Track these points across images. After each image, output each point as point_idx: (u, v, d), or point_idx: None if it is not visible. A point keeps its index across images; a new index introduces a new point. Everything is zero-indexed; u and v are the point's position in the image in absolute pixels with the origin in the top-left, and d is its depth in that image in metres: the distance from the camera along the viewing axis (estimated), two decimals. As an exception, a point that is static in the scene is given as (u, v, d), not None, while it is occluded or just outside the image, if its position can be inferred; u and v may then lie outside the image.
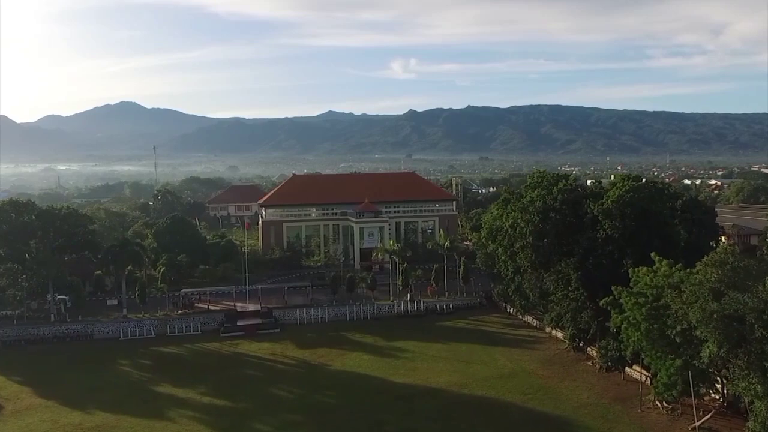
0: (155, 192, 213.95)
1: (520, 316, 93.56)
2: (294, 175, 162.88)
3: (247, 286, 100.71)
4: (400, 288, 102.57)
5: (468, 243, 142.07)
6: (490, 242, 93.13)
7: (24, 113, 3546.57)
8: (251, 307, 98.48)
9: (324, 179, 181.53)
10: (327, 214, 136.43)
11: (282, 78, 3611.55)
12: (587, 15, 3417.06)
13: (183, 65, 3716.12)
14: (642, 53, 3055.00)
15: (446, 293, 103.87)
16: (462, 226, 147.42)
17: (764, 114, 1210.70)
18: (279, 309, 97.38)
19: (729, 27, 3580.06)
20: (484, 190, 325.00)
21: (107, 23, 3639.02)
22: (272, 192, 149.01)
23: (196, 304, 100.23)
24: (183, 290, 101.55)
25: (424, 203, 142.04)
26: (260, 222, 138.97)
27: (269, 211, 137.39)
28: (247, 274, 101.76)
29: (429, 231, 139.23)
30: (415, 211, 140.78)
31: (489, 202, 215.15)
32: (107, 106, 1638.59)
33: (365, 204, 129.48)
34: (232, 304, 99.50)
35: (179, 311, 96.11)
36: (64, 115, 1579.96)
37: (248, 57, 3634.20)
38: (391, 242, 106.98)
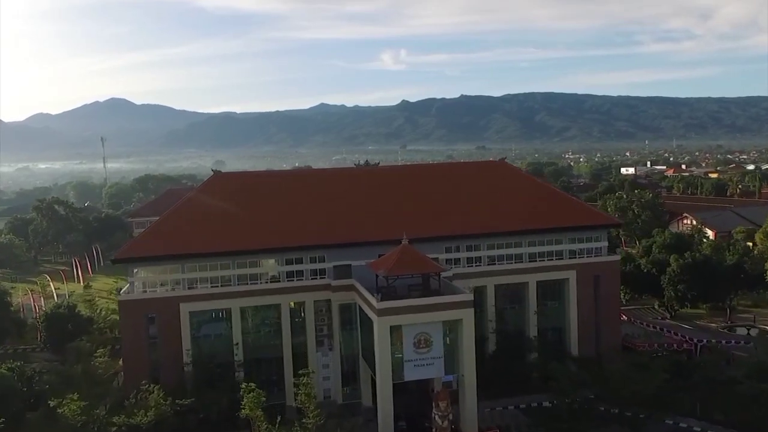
0: (36, 203, 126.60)
1: None
2: (215, 173, 57.60)
3: None
4: None
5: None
6: None
7: (12, 112, 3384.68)
8: None
9: (289, 181, 60.42)
10: (300, 273, 49.91)
11: (272, 71, 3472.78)
12: (571, 1, 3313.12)
13: (172, 61, 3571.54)
14: (631, 39, 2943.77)
15: None
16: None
17: (759, 97, 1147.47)
18: None
19: (716, 11, 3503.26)
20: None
21: (94, 20, 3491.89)
22: (159, 220, 52.71)
23: None
24: None
25: (543, 235, 53.97)
26: (118, 302, 50.41)
27: (143, 273, 49.11)
28: None
29: (555, 306, 53.47)
30: (521, 259, 53.44)
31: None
32: (96, 103, 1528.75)
33: (401, 250, 42.19)
34: None
35: None
36: (53, 114, 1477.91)
37: (237, 51, 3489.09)
38: None
